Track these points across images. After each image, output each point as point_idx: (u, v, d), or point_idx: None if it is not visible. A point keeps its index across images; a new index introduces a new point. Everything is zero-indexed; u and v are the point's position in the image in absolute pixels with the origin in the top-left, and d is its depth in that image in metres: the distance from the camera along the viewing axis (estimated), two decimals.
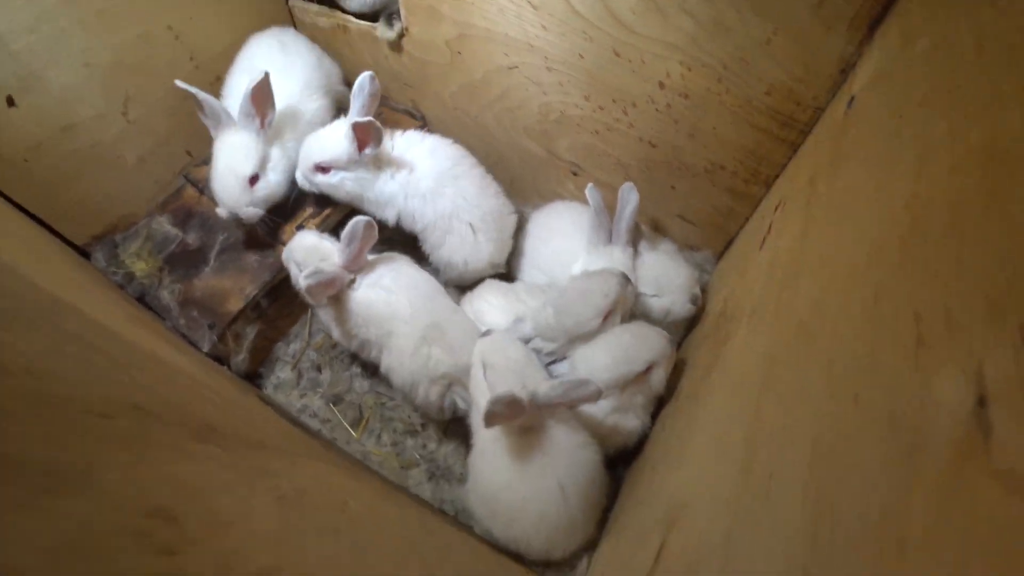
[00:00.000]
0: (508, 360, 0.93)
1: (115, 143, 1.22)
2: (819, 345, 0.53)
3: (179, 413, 0.51)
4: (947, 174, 0.42)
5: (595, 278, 1.00)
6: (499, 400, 0.79)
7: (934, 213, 0.42)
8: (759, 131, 0.94)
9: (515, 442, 0.89)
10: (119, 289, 1.21)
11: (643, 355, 0.94)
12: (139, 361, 0.61)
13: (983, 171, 0.38)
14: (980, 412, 0.31)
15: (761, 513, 0.51)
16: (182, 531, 0.27)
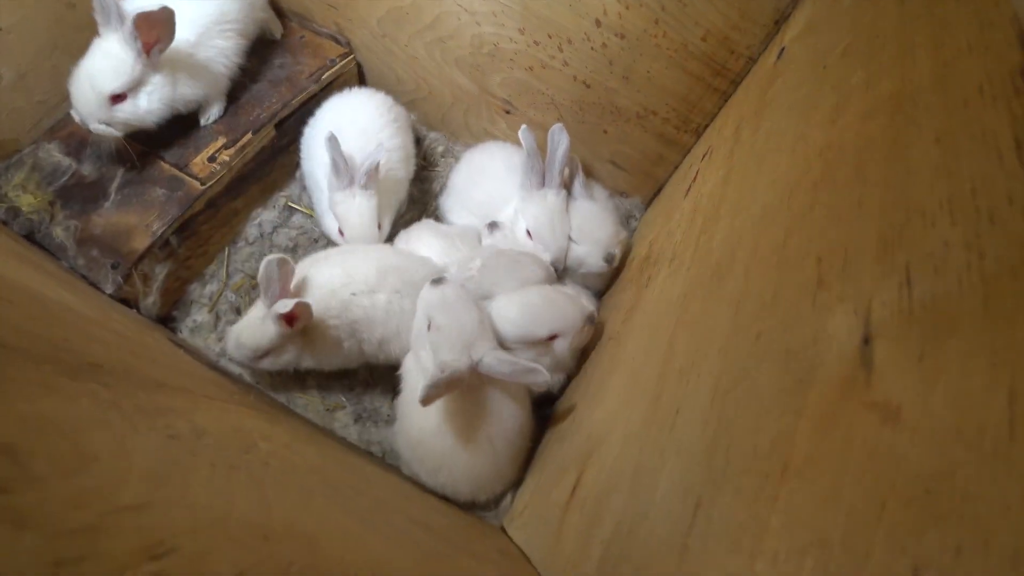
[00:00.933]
0: (458, 324, 0.85)
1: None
2: (729, 286, 0.54)
3: (54, 350, 0.46)
4: (858, 121, 0.43)
5: (526, 260, 1.00)
6: (438, 383, 0.76)
7: (843, 159, 0.43)
8: (692, 78, 0.94)
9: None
10: (2, 226, 1.08)
11: (548, 323, 0.93)
12: (8, 295, 0.54)
13: (890, 118, 0.39)
14: (864, 349, 0.33)
15: (666, 444, 0.53)
16: (23, 469, 0.24)
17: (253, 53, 1.30)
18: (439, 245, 1.11)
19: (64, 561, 0.20)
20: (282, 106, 1.23)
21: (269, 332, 1.00)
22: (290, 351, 1.04)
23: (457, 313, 0.86)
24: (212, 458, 0.45)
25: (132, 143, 1.16)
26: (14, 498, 0.21)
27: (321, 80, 1.27)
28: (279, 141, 1.25)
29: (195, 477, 0.36)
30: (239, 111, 1.21)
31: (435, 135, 1.40)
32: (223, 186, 1.17)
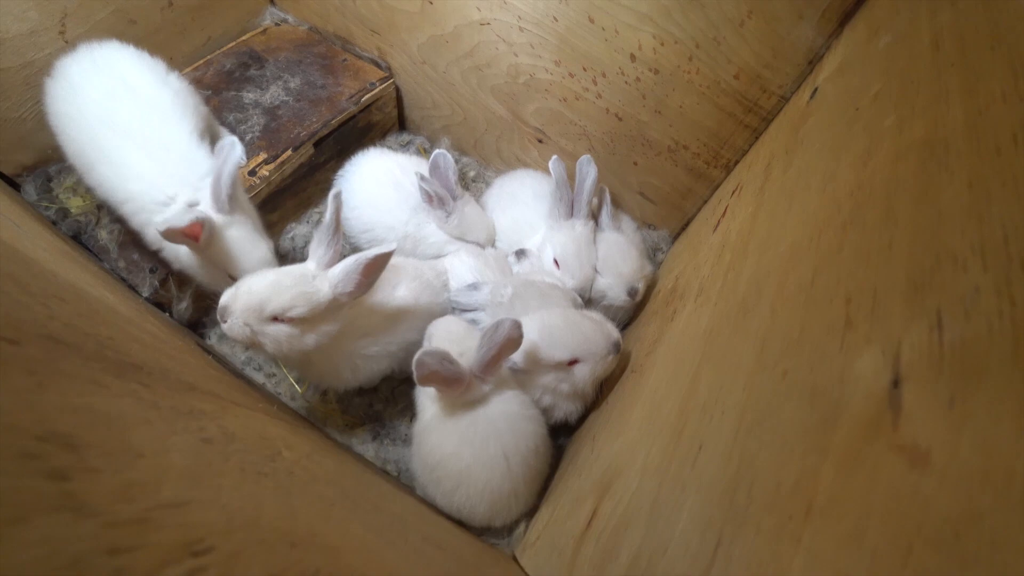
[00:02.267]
0: (448, 332, 0.94)
1: (50, 64, 1.13)
2: (755, 323, 0.54)
3: (100, 348, 0.48)
4: (889, 164, 0.44)
5: (555, 294, 1.01)
6: (429, 351, 0.80)
7: (874, 200, 0.43)
8: (724, 114, 0.95)
9: (461, 412, 0.89)
10: (51, 225, 1.13)
11: (569, 346, 0.92)
12: (60, 293, 0.57)
13: (921, 162, 0.40)
14: (893, 392, 0.33)
15: (687, 479, 0.53)
16: (80, 458, 0.25)
17: (296, 72, 1.36)
18: (473, 263, 1.13)
19: (118, 550, 0.21)
20: (322, 125, 1.27)
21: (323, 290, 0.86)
22: (321, 332, 0.90)
23: (449, 326, 0.95)
24: (242, 462, 0.46)
25: None
26: (75, 485, 0.23)
27: (360, 102, 1.32)
28: (317, 159, 1.30)
29: (227, 480, 0.37)
30: (281, 128, 1.26)
31: (467, 159, 1.44)
32: (261, 199, 1.22)
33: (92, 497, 0.23)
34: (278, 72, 1.36)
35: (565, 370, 0.94)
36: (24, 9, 1.05)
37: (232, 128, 1.26)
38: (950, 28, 0.46)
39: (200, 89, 1.31)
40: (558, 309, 0.99)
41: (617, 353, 0.95)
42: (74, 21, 1.13)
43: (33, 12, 1.07)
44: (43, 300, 0.50)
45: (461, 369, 0.84)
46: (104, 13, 1.17)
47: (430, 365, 0.81)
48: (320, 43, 1.43)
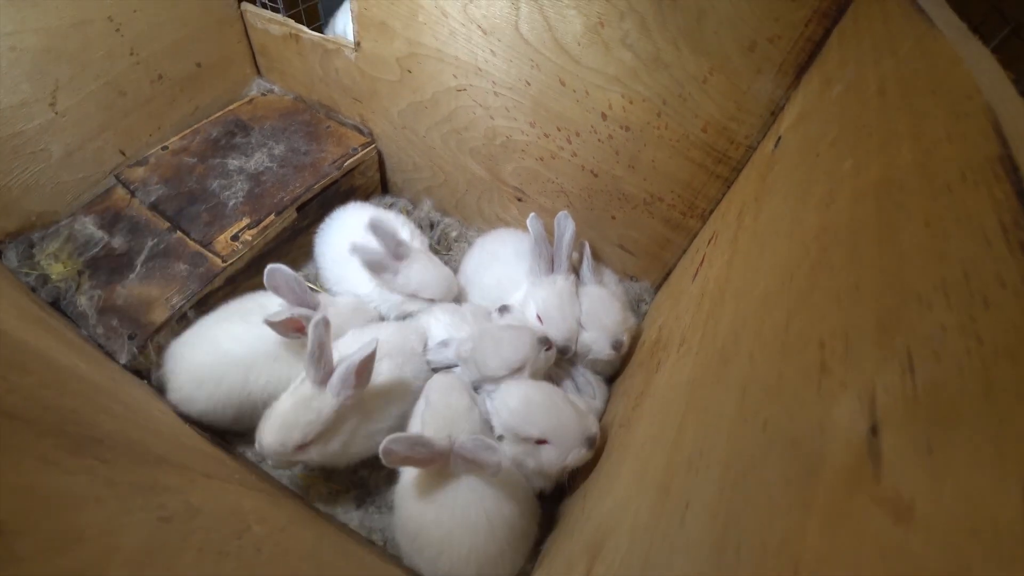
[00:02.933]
0: (447, 406, 0.93)
1: (39, 134, 1.15)
2: (735, 372, 0.53)
3: (60, 421, 0.46)
4: (850, 206, 0.44)
5: (512, 332, 0.99)
6: (397, 439, 0.79)
7: (838, 242, 0.44)
8: (696, 165, 0.98)
9: (439, 481, 0.87)
10: (30, 292, 1.12)
11: (540, 425, 0.90)
12: (24, 362, 0.56)
13: (878, 203, 0.40)
14: (871, 439, 0.32)
15: (676, 538, 0.51)
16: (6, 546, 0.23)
17: (280, 139, 1.39)
18: (448, 320, 1.13)
19: None
20: (305, 190, 1.29)
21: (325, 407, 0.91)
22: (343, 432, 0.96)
23: (450, 396, 0.94)
24: (202, 542, 0.44)
25: (159, 217, 1.23)
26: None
27: (343, 167, 1.35)
28: (300, 223, 1.31)
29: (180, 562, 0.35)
30: (264, 194, 1.28)
31: (449, 220, 1.46)
32: (244, 263, 1.22)
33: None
34: (263, 139, 1.39)
35: (533, 447, 0.91)
36: (17, 82, 1.08)
37: (216, 194, 1.28)
38: (893, 75, 0.48)
39: (187, 157, 1.34)
40: (547, 385, 0.96)
41: (590, 448, 0.91)
42: (65, 93, 1.16)
43: (25, 84, 1.10)
44: (2, 371, 0.48)
45: (437, 449, 0.82)
46: (95, 85, 1.21)
47: (399, 452, 0.80)
48: (305, 111, 1.48)
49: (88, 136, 1.24)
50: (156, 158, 1.34)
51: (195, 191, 1.28)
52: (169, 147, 1.36)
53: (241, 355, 1.06)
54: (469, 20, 1.03)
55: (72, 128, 1.20)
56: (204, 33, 1.37)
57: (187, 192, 1.27)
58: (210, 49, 1.40)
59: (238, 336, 1.08)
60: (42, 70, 1.11)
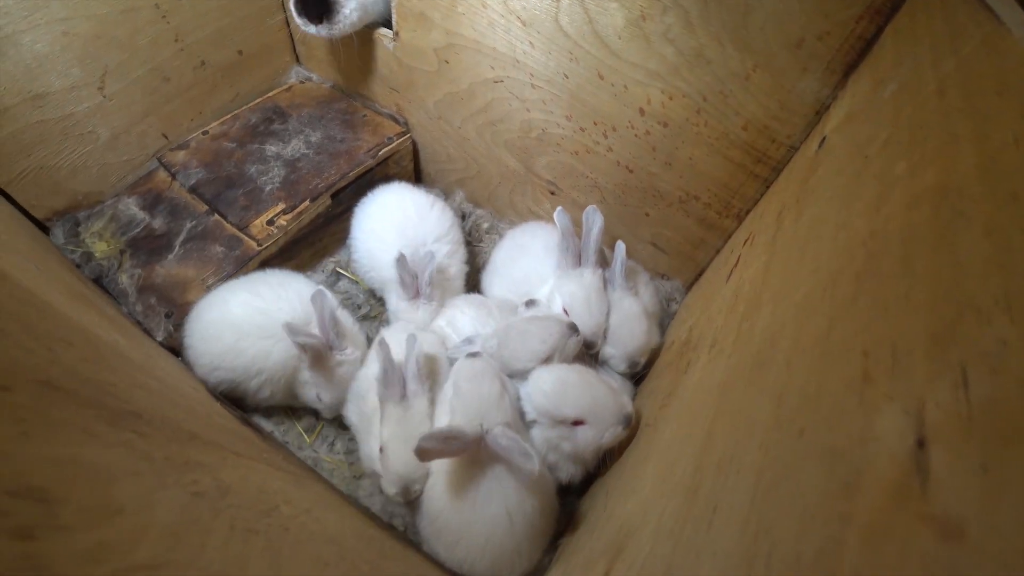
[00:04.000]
0: (478, 395, 0.90)
1: (88, 117, 1.19)
2: (771, 377, 0.52)
3: (99, 394, 0.48)
4: (903, 211, 0.42)
5: (539, 323, 0.99)
6: (432, 436, 0.79)
7: (888, 249, 0.42)
8: (734, 165, 0.95)
9: (464, 466, 0.87)
10: (74, 268, 1.16)
11: (577, 405, 0.90)
12: (68, 336, 0.57)
13: (935, 209, 0.38)
14: (919, 454, 0.31)
15: (702, 544, 0.50)
16: (52, 515, 0.24)
17: (317, 127, 1.41)
18: (473, 313, 1.13)
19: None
20: (340, 177, 1.31)
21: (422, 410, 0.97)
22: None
23: (482, 384, 0.91)
24: (232, 519, 0.45)
25: (198, 200, 1.26)
26: (39, 546, 0.22)
27: (378, 156, 1.36)
28: (334, 210, 1.32)
29: (212, 539, 0.35)
30: (300, 180, 1.30)
31: (481, 211, 1.46)
32: (277, 248, 1.24)
33: (56, 560, 0.22)
34: (300, 127, 1.41)
35: (569, 428, 0.91)
36: (68, 66, 1.12)
37: (253, 179, 1.30)
38: (954, 75, 0.46)
39: (226, 142, 1.37)
40: (578, 365, 0.97)
41: (626, 426, 0.91)
42: (113, 78, 1.20)
43: (76, 69, 1.14)
44: (48, 343, 0.50)
45: (468, 440, 0.82)
46: (141, 71, 1.24)
47: (434, 449, 0.80)
48: (342, 100, 1.49)
49: (133, 120, 1.27)
50: (197, 142, 1.37)
51: (233, 175, 1.30)
52: (209, 132, 1.39)
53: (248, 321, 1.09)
54: (509, 11, 1.02)
55: (118, 112, 1.24)
56: (246, 22, 1.39)
57: (225, 176, 1.30)
58: (251, 37, 1.42)
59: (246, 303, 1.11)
60: (92, 55, 1.15)
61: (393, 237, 1.20)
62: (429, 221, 1.24)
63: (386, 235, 1.22)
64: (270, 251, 1.23)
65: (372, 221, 1.27)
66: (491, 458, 0.86)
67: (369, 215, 1.28)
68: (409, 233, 1.21)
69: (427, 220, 1.24)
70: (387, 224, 1.23)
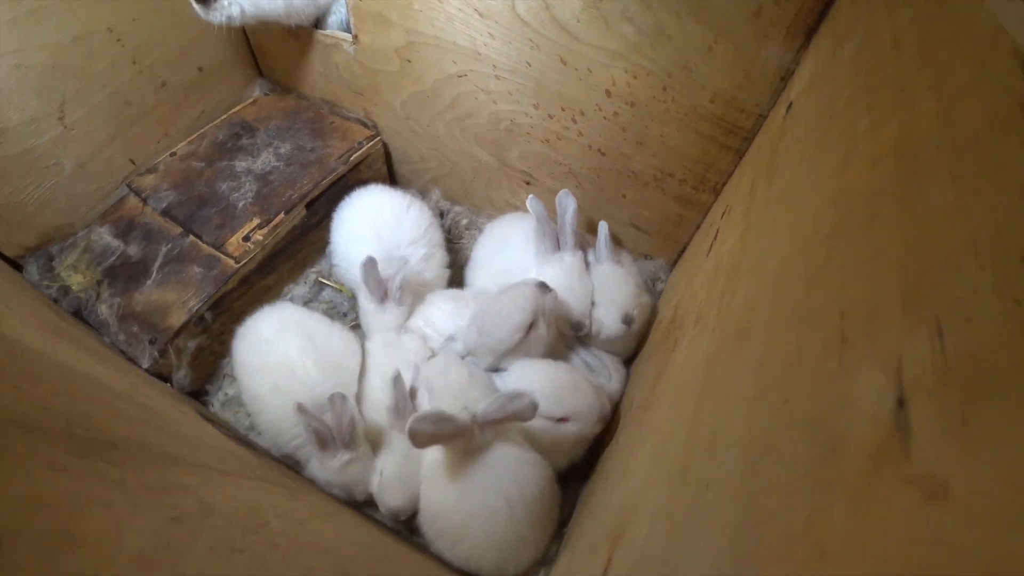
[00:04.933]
0: (449, 382, 0.91)
1: (51, 149, 1.16)
2: (752, 348, 0.51)
3: (70, 427, 0.46)
4: (868, 168, 0.42)
5: (509, 293, 0.97)
6: (422, 418, 0.77)
7: (856, 207, 0.41)
8: (705, 139, 0.95)
9: (460, 462, 0.87)
10: (52, 303, 1.14)
11: (566, 404, 0.92)
12: (38, 372, 0.56)
13: (899, 162, 0.38)
14: (899, 413, 0.30)
15: (697, 522, 0.49)
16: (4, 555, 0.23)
17: (286, 138, 1.39)
18: (451, 308, 1.12)
19: None
20: (313, 186, 1.29)
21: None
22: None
23: (448, 374, 0.92)
24: (215, 540, 0.44)
25: (171, 222, 1.24)
26: None
27: (349, 161, 1.34)
28: (309, 220, 1.31)
29: (187, 561, 0.34)
30: (273, 193, 1.28)
31: (459, 208, 1.45)
32: (256, 264, 1.22)
33: None
34: (269, 139, 1.39)
35: (554, 424, 0.92)
36: (25, 99, 1.09)
37: (225, 196, 1.28)
38: (909, 26, 0.45)
39: (195, 162, 1.35)
40: (565, 366, 0.97)
41: (604, 424, 0.95)
42: (72, 107, 1.17)
43: (33, 101, 1.11)
44: (15, 382, 0.48)
45: (461, 425, 0.81)
46: (101, 97, 1.21)
47: (426, 432, 0.79)
48: (308, 108, 1.47)
49: (98, 147, 1.25)
50: (165, 165, 1.34)
51: (205, 195, 1.28)
52: (177, 153, 1.37)
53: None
54: (466, 4, 1.01)
55: (82, 140, 1.21)
56: (204, 37, 1.36)
57: (197, 196, 1.28)
58: (211, 53, 1.40)
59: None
60: (48, 86, 1.12)
61: (369, 240, 1.19)
62: (405, 224, 1.23)
63: (362, 238, 1.20)
64: (248, 267, 1.21)
65: (348, 225, 1.26)
66: (482, 449, 0.86)
67: (346, 219, 1.27)
68: (385, 236, 1.20)
69: (403, 222, 1.23)
70: (363, 227, 1.22)
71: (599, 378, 1.06)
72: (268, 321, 1.13)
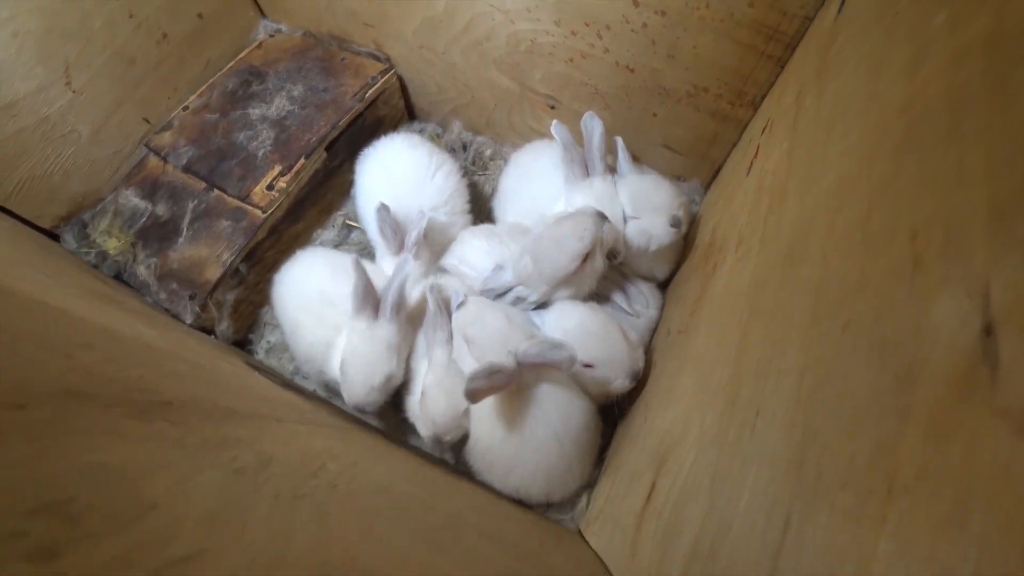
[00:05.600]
0: (488, 331, 0.90)
1: (64, 116, 1.15)
2: (806, 271, 0.49)
3: (126, 391, 0.48)
4: (947, 69, 0.37)
5: (568, 221, 0.94)
6: (476, 375, 0.78)
7: (932, 115, 0.37)
8: (743, 47, 0.87)
9: (506, 400, 0.88)
10: (92, 269, 1.17)
11: (592, 351, 0.90)
12: (88, 339, 0.57)
13: (988, 61, 0.33)
14: (986, 341, 0.27)
15: (747, 450, 0.49)
16: (77, 527, 0.24)
17: (297, 80, 1.34)
18: (486, 246, 1.10)
19: None
20: (331, 128, 1.26)
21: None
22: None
23: (486, 321, 0.91)
24: (276, 488, 0.45)
25: (194, 178, 1.23)
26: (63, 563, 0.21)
27: (365, 98, 1.30)
28: (331, 163, 1.28)
29: (255, 514, 0.35)
30: (290, 139, 1.25)
31: (482, 139, 1.39)
32: (283, 212, 1.22)
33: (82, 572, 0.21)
34: (280, 83, 1.35)
35: (580, 368, 0.91)
36: (29, 67, 1.07)
37: (244, 147, 1.26)
38: None
39: (208, 114, 1.32)
40: (603, 314, 0.95)
41: (634, 380, 0.93)
42: (77, 70, 1.14)
43: (38, 69, 1.09)
44: (65, 351, 0.50)
45: (510, 373, 0.81)
46: (103, 57, 1.18)
47: (482, 387, 0.80)
48: (316, 47, 1.41)
49: (110, 109, 1.23)
50: (179, 120, 1.32)
51: (223, 147, 1.27)
52: (189, 107, 1.34)
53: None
54: None
55: (93, 104, 1.19)
56: None
57: (216, 149, 1.26)
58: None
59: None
60: (49, 51, 1.09)
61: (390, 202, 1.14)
62: (427, 191, 1.17)
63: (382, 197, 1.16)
64: (276, 216, 1.21)
65: (368, 184, 1.22)
66: (529, 387, 0.87)
67: (364, 180, 1.23)
68: (404, 201, 1.14)
69: (424, 189, 1.17)
70: (383, 191, 1.17)
71: (637, 306, 1.04)
72: (300, 262, 1.15)
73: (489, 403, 0.90)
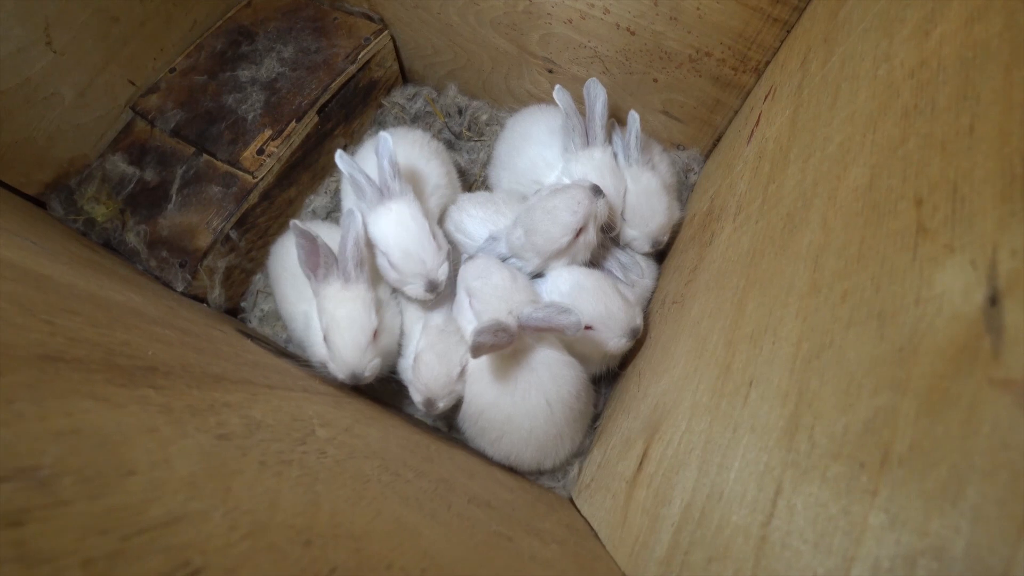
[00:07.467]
0: (492, 287, 0.89)
1: (46, 78, 1.11)
2: (805, 239, 0.47)
3: (109, 356, 0.47)
4: (961, 30, 0.35)
5: (562, 194, 0.92)
6: (483, 330, 0.76)
7: (943, 77, 0.35)
8: (748, 10, 0.84)
9: (500, 363, 0.88)
10: (81, 236, 1.14)
11: (589, 312, 0.89)
12: (72, 305, 0.56)
13: (1006, 19, 0.31)
14: (990, 312, 0.26)
15: (739, 419, 0.48)
16: (48, 493, 0.23)
17: (288, 41, 1.30)
18: (482, 214, 1.08)
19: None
20: (322, 91, 1.22)
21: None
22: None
23: (491, 277, 0.90)
24: (263, 454, 0.45)
25: (182, 143, 1.20)
26: (28, 530, 0.21)
27: (358, 59, 1.26)
28: (323, 126, 1.25)
29: (240, 479, 0.35)
30: (281, 101, 1.22)
31: (478, 103, 1.36)
32: (274, 177, 1.19)
33: (49, 540, 0.20)
34: (270, 44, 1.30)
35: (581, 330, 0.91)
36: (7, 27, 1.02)
37: (233, 110, 1.22)
38: None
39: (196, 76, 1.27)
40: (598, 274, 0.94)
41: (633, 339, 0.92)
42: (58, 30, 1.09)
43: (16, 28, 1.04)
44: (47, 317, 0.48)
45: (513, 332, 0.81)
46: (85, 14, 1.13)
47: (487, 343, 0.79)
48: (308, 5, 1.36)
49: (94, 71, 1.18)
50: (167, 83, 1.28)
51: (212, 110, 1.23)
52: (177, 69, 1.30)
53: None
54: None
55: (76, 66, 1.14)
56: None
57: (204, 113, 1.23)
58: None
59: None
60: (28, 8, 1.04)
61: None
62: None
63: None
64: (267, 181, 1.18)
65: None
66: (525, 351, 0.87)
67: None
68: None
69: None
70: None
71: (632, 275, 1.03)
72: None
73: (483, 364, 0.90)
